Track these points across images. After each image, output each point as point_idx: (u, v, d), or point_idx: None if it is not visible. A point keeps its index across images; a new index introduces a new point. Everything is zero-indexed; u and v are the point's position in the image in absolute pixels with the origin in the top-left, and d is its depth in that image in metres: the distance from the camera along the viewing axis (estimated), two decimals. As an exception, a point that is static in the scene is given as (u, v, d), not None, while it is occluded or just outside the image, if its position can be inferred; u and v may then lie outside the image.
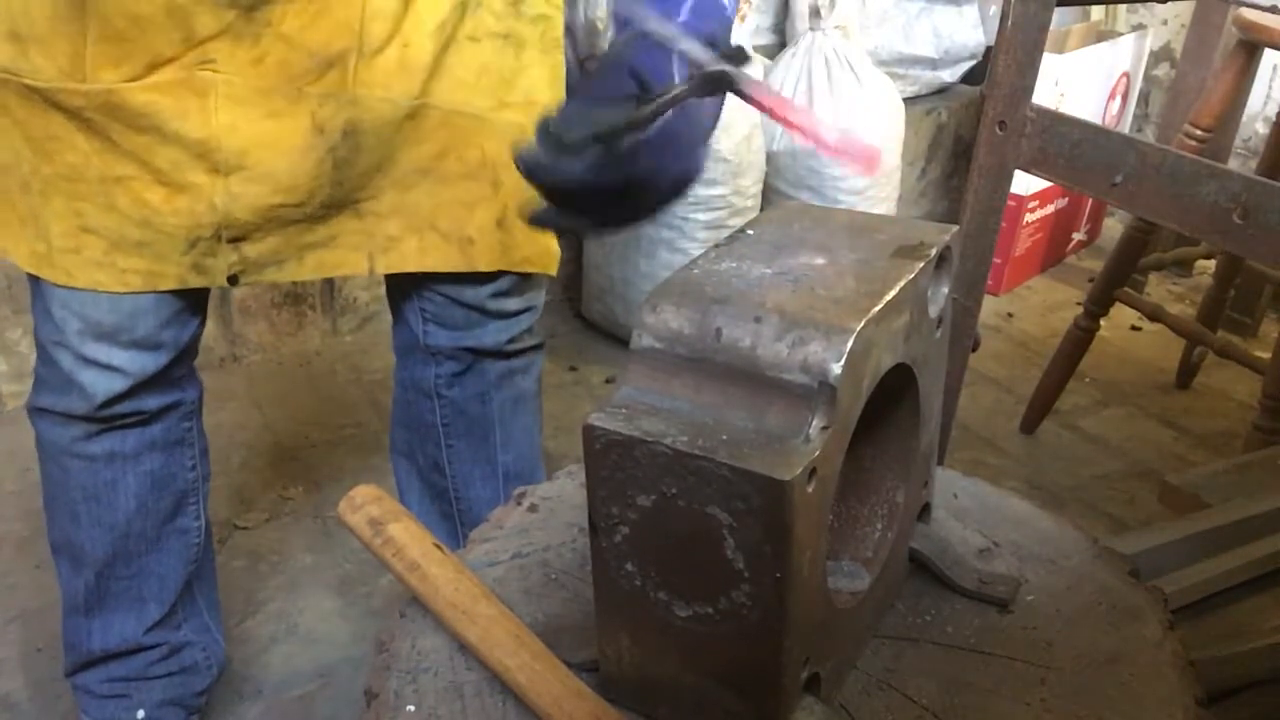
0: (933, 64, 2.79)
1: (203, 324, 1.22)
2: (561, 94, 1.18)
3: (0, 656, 1.62)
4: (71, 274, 1.09)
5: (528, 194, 1.21)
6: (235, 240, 1.11)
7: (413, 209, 1.15)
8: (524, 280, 1.26)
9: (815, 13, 2.41)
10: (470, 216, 1.17)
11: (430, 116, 1.11)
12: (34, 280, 1.13)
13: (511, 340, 1.30)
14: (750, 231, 0.72)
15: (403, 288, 1.28)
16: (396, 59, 1.07)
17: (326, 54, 1.04)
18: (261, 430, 2.19)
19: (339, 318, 2.50)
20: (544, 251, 1.24)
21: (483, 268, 1.20)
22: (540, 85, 1.16)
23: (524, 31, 1.13)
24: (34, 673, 1.59)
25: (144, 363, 1.16)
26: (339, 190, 1.12)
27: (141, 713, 1.37)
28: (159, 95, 1.01)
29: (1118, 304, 2.14)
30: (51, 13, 0.98)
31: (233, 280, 1.13)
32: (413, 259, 1.18)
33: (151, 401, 1.20)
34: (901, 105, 2.49)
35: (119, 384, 1.15)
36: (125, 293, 1.10)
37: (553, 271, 1.26)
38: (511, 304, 1.27)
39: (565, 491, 0.92)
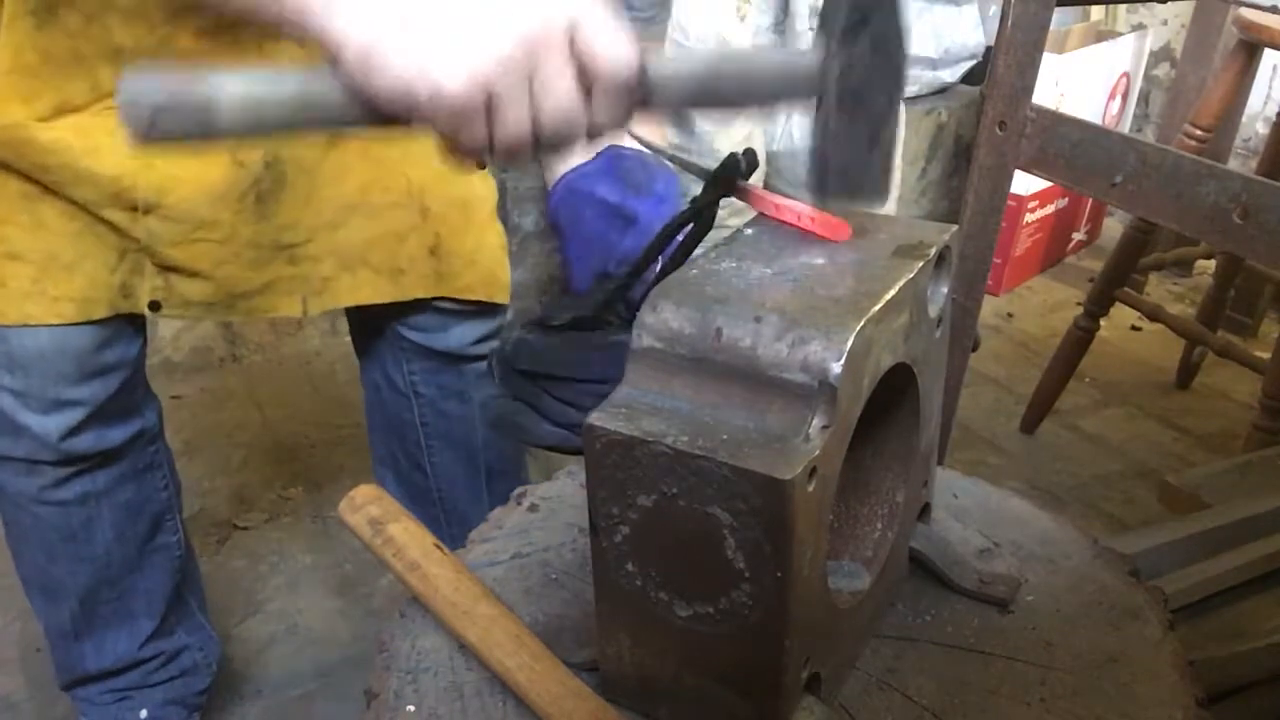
0: (933, 64, 2.78)
1: (145, 340, 1.18)
2: None
3: (0, 657, 1.62)
4: (0, 311, 1.05)
5: (462, 221, 1.17)
6: (164, 269, 1.07)
7: (344, 247, 1.13)
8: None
9: (815, 12, 2.41)
10: (401, 247, 1.15)
11: (349, 147, 1.09)
12: None
13: (481, 340, 1.26)
14: (750, 231, 0.72)
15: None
16: None
17: None
18: (261, 430, 2.19)
19: (339, 318, 2.50)
20: (488, 278, 1.20)
21: (417, 295, 1.18)
22: None
23: None
24: (34, 673, 1.59)
25: (93, 391, 1.11)
26: (266, 226, 1.08)
27: (144, 713, 1.37)
28: (66, 133, 0.98)
29: (1118, 304, 2.14)
30: None
31: (153, 306, 1.08)
32: (345, 295, 1.16)
33: (115, 434, 1.17)
34: (901, 105, 2.49)
35: (71, 419, 1.11)
36: (59, 324, 1.06)
37: (502, 300, 1.23)
38: (470, 305, 1.23)
39: (565, 491, 0.92)
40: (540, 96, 0.61)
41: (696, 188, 0.77)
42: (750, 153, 0.73)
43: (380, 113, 0.62)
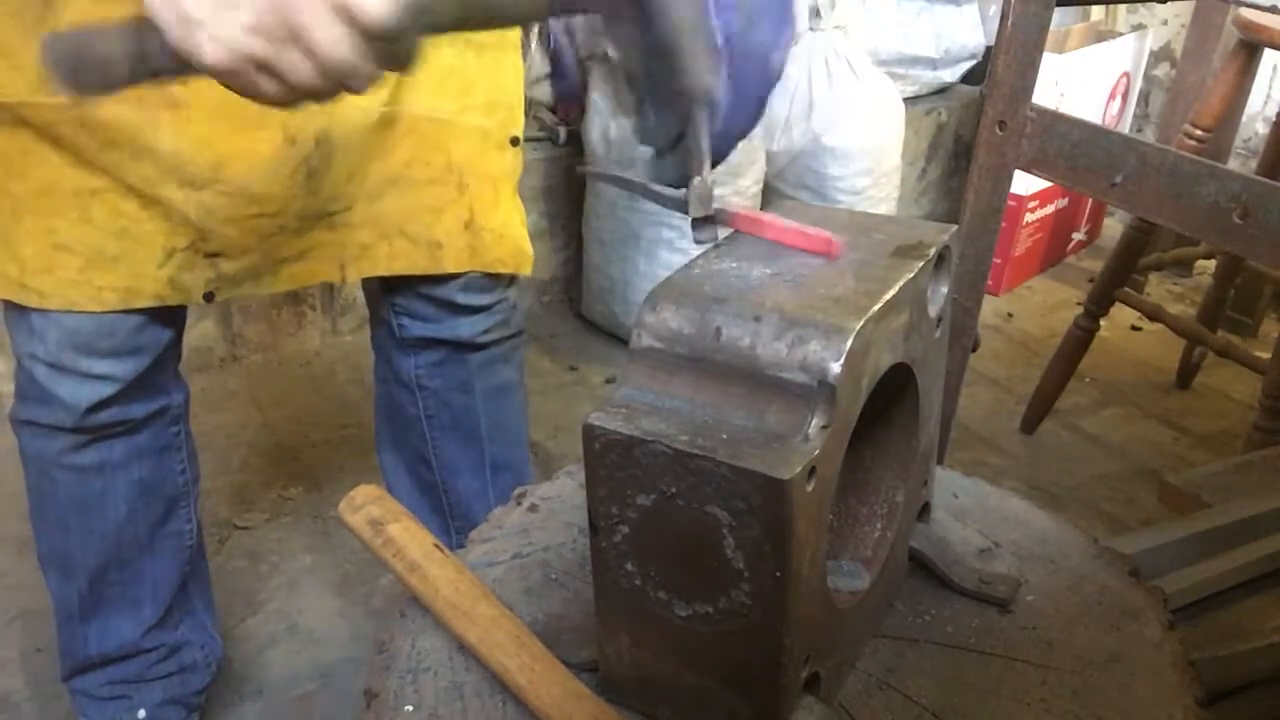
0: (933, 64, 2.78)
1: (183, 324, 1.21)
2: (521, 94, 1.20)
3: (0, 657, 1.62)
4: (45, 295, 1.07)
5: (494, 196, 1.20)
6: (212, 255, 1.10)
7: (382, 217, 1.16)
8: (493, 276, 1.26)
9: (815, 13, 2.41)
10: (438, 221, 1.18)
11: (398, 123, 1.12)
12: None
13: (486, 331, 1.30)
14: (750, 231, 0.72)
15: (374, 283, 1.29)
16: None
17: None
18: (261, 430, 2.18)
19: (339, 318, 2.50)
20: (515, 251, 1.24)
21: (451, 269, 1.21)
22: (501, 86, 1.17)
23: (484, 35, 1.14)
24: (34, 673, 1.59)
25: (124, 368, 1.14)
26: (314, 200, 1.11)
27: (142, 712, 1.37)
28: (129, 108, 1.00)
29: (1118, 304, 2.14)
30: (17, 24, 0.97)
31: (208, 297, 1.12)
32: (382, 264, 1.19)
33: (137, 409, 1.19)
34: (901, 105, 2.49)
35: (101, 391, 1.14)
36: (102, 312, 1.09)
37: (526, 271, 1.27)
38: (482, 299, 1.27)
39: (565, 491, 0.92)
40: (313, 50, 0.65)
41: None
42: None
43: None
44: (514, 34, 1.17)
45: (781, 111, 2.39)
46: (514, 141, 1.21)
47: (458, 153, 1.16)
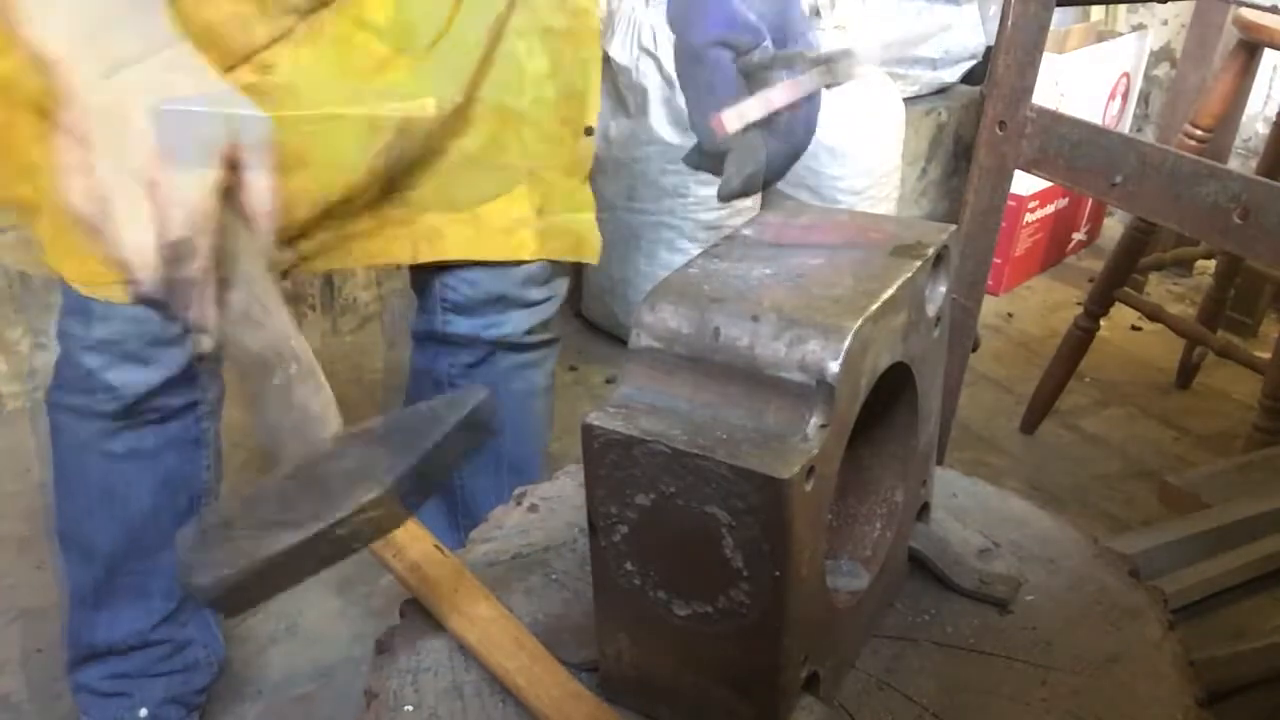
0: (933, 64, 2.78)
1: None
2: (597, 83, 1.20)
3: (0, 657, 1.62)
4: (78, 277, 1.07)
5: (566, 185, 1.21)
6: (290, 240, 1.09)
7: (456, 199, 1.16)
8: (552, 266, 1.27)
9: (815, 12, 2.41)
10: (510, 207, 1.18)
11: (477, 110, 1.13)
12: (63, 284, 1.11)
13: (530, 331, 1.30)
14: (749, 231, 0.72)
15: (427, 274, 1.28)
16: (448, 55, 1.07)
17: (380, 54, 1.04)
18: (262, 430, 2.18)
19: (339, 318, 2.50)
20: (585, 240, 1.25)
21: (524, 256, 1.21)
22: (579, 76, 1.18)
23: (566, 25, 1.15)
24: (34, 673, 1.59)
25: (175, 357, 1.14)
26: (388, 185, 1.12)
27: (144, 711, 1.37)
28: None
29: (1118, 304, 2.14)
30: None
31: (283, 274, 1.12)
32: (454, 248, 1.19)
33: (175, 399, 1.19)
34: (902, 105, 2.49)
35: (153, 379, 1.14)
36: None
37: (594, 260, 1.27)
38: (537, 292, 1.27)
39: (565, 491, 0.92)
40: None
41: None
42: None
43: None
44: (594, 26, 1.18)
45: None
46: (588, 131, 1.21)
47: (532, 140, 1.17)
